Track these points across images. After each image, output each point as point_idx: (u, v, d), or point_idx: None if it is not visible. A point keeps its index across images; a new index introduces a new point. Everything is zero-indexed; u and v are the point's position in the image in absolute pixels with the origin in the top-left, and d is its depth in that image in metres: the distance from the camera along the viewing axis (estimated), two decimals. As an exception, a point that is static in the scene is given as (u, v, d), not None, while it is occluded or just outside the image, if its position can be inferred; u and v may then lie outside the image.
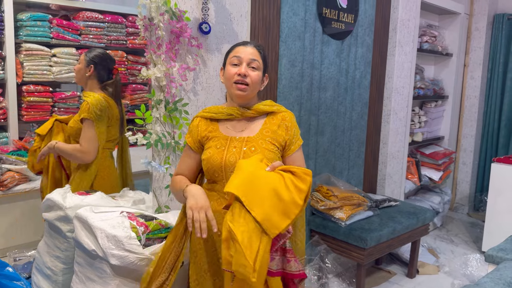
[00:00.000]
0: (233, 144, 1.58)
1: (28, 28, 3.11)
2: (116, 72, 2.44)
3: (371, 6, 3.24)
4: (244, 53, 1.57)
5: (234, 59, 1.58)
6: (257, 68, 1.58)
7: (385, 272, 3.32)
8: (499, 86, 4.65)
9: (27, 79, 3.13)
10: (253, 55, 1.58)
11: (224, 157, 1.55)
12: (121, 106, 2.48)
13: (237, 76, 1.55)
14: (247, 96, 1.59)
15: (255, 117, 1.64)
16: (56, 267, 2.04)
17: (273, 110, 1.65)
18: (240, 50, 1.59)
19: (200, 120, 1.67)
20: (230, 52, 1.62)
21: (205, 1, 2.20)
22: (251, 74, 1.56)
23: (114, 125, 2.39)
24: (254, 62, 1.57)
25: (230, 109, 1.62)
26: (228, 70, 1.59)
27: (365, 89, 3.35)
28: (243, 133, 1.61)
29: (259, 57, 1.60)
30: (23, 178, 2.89)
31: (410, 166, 4.06)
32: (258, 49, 1.61)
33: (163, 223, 1.85)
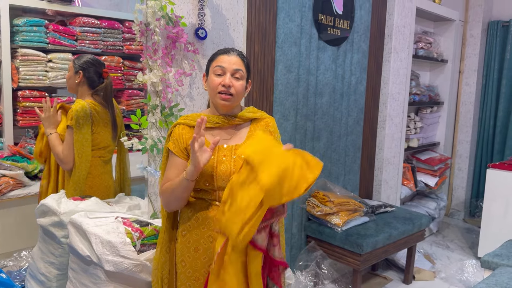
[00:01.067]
0: (222, 153, 1.56)
1: (24, 33, 3.11)
2: (106, 76, 2.41)
3: (367, 13, 3.26)
4: (228, 63, 1.54)
5: (218, 69, 1.54)
6: (241, 77, 1.56)
7: (381, 278, 3.31)
8: (494, 93, 4.68)
9: (23, 84, 3.12)
10: (237, 65, 1.55)
11: (214, 166, 1.53)
12: (113, 111, 2.43)
13: (221, 86, 1.53)
14: (231, 106, 1.57)
15: (240, 124, 1.63)
16: (50, 273, 2.02)
17: (257, 116, 1.65)
18: (223, 59, 1.56)
19: (183, 128, 1.60)
20: (213, 61, 1.58)
21: (202, 7, 2.21)
22: (235, 84, 1.54)
23: (102, 132, 2.36)
24: (238, 72, 1.55)
25: (217, 117, 1.60)
26: (211, 80, 1.56)
27: (361, 95, 3.36)
28: (230, 141, 1.59)
29: (243, 65, 1.57)
30: (17, 184, 2.87)
31: (406, 172, 4.07)
32: (241, 58, 1.58)
33: (158, 229, 1.84)
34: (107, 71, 2.43)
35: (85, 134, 2.26)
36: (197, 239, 1.56)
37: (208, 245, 1.55)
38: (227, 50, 1.60)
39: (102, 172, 2.40)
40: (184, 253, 1.58)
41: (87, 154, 2.29)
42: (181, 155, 1.58)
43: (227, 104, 1.55)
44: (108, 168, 2.46)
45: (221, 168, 1.53)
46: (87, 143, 2.27)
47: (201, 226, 1.56)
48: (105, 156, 2.42)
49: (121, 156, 2.56)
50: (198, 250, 1.56)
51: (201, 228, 1.55)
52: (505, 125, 4.65)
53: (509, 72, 4.57)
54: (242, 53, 1.62)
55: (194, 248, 1.56)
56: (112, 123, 2.41)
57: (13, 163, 2.87)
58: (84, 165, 2.29)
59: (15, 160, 2.91)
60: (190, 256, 1.57)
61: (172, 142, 1.59)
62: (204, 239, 1.55)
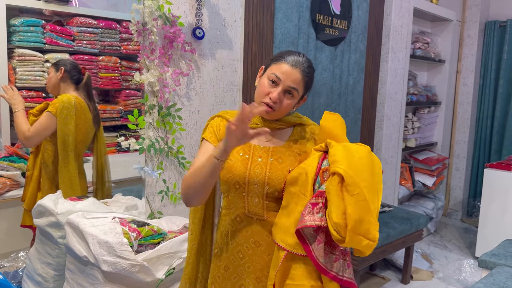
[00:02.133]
0: (257, 154, 1.40)
1: (21, 33, 3.10)
2: (84, 72, 2.51)
3: (364, 13, 3.27)
4: (286, 77, 1.35)
5: (273, 77, 1.36)
6: (293, 97, 1.38)
7: (379, 278, 3.31)
8: (491, 93, 4.69)
9: (20, 85, 3.11)
10: (295, 83, 1.36)
11: (248, 166, 1.38)
12: (96, 107, 2.51)
13: (268, 98, 1.36)
14: (271, 116, 1.41)
15: (282, 128, 1.47)
16: (47, 274, 2.01)
17: (302, 122, 1.49)
18: (284, 69, 1.36)
19: (221, 120, 1.47)
20: (275, 63, 1.39)
21: (199, 7, 2.21)
22: (284, 102, 1.37)
23: (81, 126, 2.40)
24: (292, 90, 1.37)
25: (258, 118, 1.44)
26: (262, 84, 1.39)
27: (359, 95, 3.36)
28: (268, 143, 1.43)
29: (302, 84, 1.39)
30: (15, 185, 2.86)
31: (404, 172, 4.07)
32: (303, 75, 1.39)
33: (156, 229, 1.84)
34: (84, 67, 2.55)
35: (68, 125, 2.31)
36: (227, 256, 1.43)
37: (238, 262, 1.41)
38: (294, 60, 1.39)
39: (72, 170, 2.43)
40: (215, 273, 1.47)
41: (71, 144, 2.33)
42: (215, 143, 1.42)
43: (267, 116, 1.40)
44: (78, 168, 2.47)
45: (255, 170, 1.37)
46: (72, 134, 2.32)
47: (230, 241, 1.42)
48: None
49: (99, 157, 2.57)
50: (228, 269, 1.43)
51: (230, 244, 1.42)
52: (502, 125, 4.66)
53: (506, 72, 4.59)
54: (308, 70, 1.42)
55: (224, 266, 1.44)
56: (94, 119, 2.46)
57: (10, 164, 2.86)
58: (70, 155, 2.33)
59: (12, 160, 2.90)
60: (220, 276, 1.45)
61: (209, 132, 1.46)
62: (234, 256, 1.42)
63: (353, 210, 1.14)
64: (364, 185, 1.17)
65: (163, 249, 1.78)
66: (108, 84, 3.34)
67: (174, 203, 2.29)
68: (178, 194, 2.30)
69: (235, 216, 1.41)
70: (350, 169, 1.18)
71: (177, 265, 1.81)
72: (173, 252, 1.82)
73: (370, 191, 1.17)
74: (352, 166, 1.19)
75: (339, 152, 1.24)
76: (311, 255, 1.22)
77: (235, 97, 2.51)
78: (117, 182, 2.74)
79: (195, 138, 2.35)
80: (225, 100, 2.46)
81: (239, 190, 1.39)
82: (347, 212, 1.15)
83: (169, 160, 2.23)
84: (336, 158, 1.22)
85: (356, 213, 1.14)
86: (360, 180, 1.17)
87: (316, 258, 1.22)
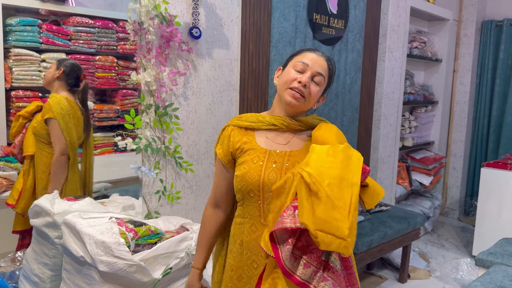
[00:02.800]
0: (272, 159, 1.34)
1: (17, 33, 3.08)
2: (84, 79, 2.54)
3: (361, 12, 3.27)
4: (313, 62, 1.35)
5: (300, 64, 1.35)
6: (320, 84, 1.37)
7: (377, 277, 3.32)
8: (488, 92, 4.71)
9: (16, 85, 3.09)
10: (322, 69, 1.36)
11: (262, 174, 1.32)
12: (87, 112, 2.54)
13: (297, 82, 1.33)
14: (298, 108, 1.37)
15: (301, 130, 1.42)
16: (44, 274, 2.01)
17: None
18: (310, 56, 1.37)
19: (233, 129, 1.42)
20: (297, 55, 1.40)
21: (196, 6, 2.20)
22: (312, 88, 1.35)
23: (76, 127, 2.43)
24: (319, 76, 1.35)
25: (274, 119, 1.39)
26: (288, 72, 1.36)
27: (356, 94, 3.36)
28: (285, 147, 1.37)
29: (327, 73, 1.39)
30: (11, 185, 2.84)
31: (401, 171, 4.08)
32: (328, 64, 1.39)
33: (153, 229, 1.84)
34: (85, 75, 2.59)
35: (68, 123, 2.34)
36: (241, 266, 1.39)
37: (252, 272, 1.37)
38: (317, 49, 1.42)
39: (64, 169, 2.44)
40: (227, 283, 1.43)
41: (75, 143, 2.36)
42: (225, 160, 1.42)
43: (294, 103, 1.34)
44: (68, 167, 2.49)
45: (270, 177, 1.32)
46: (72, 130, 2.35)
47: (244, 250, 1.38)
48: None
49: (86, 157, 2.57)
50: (241, 279, 1.39)
51: (244, 254, 1.38)
52: (499, 124, 4.67)
53: (503, 71, 4.60)
54: (331, 60, 1.43)
55: (237, 276, 1.39)
56: (85, 122, 2.49)
57: (6, 164, 2.85)
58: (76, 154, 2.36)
59: (8, 160, 2.89)
60: (233, 286, 1.40)
61: (219, 145, 1.44)
62: (248, 266, 1.37)
63: (317, 208, 1.12)
64: (328, 182, 1.14)
65: (160, 249, 1.78)
66: (105, 83, 3.32)
67: (171, 203, 2.29)
68: (175, 194, 2.29)
69: (250, 225, 1.37)
70: (314, 169, 1.16)
71: (174, 265, 1.81)
72: (170, 252, 1.81)
73: (338, 187, 1.14)
74: (317, 166, 1.17)
75: (313, 154, 1.22)
76: (278, 255, 1.20)
77: (232, 96, 2.51)
78: (114, 182, 2.73)
79: (192, 137, 2.35)
80: (222, 99, 2.46)
81: (254, 198, 1.35)
82: (313, 211, 1.13)
83: (166, 160, 2.23)
84: (308, 160, 1.21)
85: (320, 211, 1.12)
86: (324, 178, 1.14)
87: (282, 259, 1.19)
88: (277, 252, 1.20)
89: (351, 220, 1.11)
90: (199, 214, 2.44)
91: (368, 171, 1.22)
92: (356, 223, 1.13)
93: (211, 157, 2.45)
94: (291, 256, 1.19)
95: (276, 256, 1.20)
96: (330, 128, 1.35)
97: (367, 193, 1.25)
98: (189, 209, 2.39)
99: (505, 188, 3.50)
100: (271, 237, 1.21)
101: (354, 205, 1.12)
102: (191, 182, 2.37)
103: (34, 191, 2.46)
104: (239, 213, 1.41)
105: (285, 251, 1.19)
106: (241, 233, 1.39)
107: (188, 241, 1.88)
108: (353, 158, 1.20)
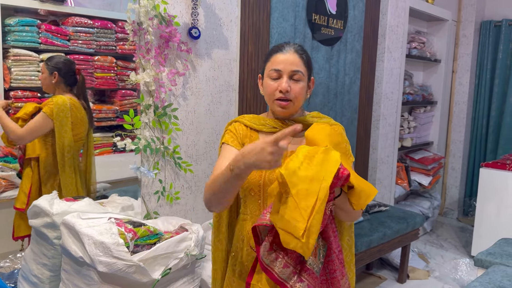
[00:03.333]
0: None
1: (16, 33, 3.08)
2: (79, 73, 2.52)
3: (360, 12, 3.27)
4: (284, 64, 1.33)
5: (273, 72, 1.34)
6: (300, 79, 1.35)
7: (376, 277, 3.32)
8: (487, 92, 4.71)
9: (15, 85, 3.09)
10: (295, 65, 1.34)
11: (263, 173, 1.34)
12: (90, 107, 2.53)
13: (278, 92, 1.33)
14: (290, 112, 1.39)
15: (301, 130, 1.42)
16: (43, 274, 2.00)
17: (322, 122, 1.43)
18: (278, 59, 1.35)
19: (239, 125, 1.45)
20: (268, 62, 1.38)
21: (195, 6, 2.20)
22: (294, 88, 1.34)
23: (78, 127, 2.42)
24: (296, 73, 1.34)
25: (274, 122, 1.41)
26: (267, 84, 1.37)
27: (355, 94, 3.36)
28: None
29: (302, 64, 1.36)
30: (10, 185, 2.84)
31: (400, 171, 4.08)
32: (299, 55, 1.36)
33: (152, 229, 1.83)
34: (79, 69, 2.55)
35: (65, 126, 2.33)
36: (242, 262, 1.41)
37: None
38: (282, 46, 1.37)
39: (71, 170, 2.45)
40: (230, 277, 1.45)
41: (67, 146, 2.34)
42: (238, 146, 1.40)
43: (285, 111, 1.37)
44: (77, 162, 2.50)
45: (270, 177, 1.34)
46: (68, 136, 2.33)
47: (245, 247, 1.39)
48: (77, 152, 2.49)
49: (87, 155, 2.58)
50: (242, 275, 1.40)
51: (245, 250, 1.39)
52: (497, 125, 4.68)
53: (502, 71, 4.60)
54: (300, 48, 1.39)
55: (238, 271, 1.42)
56: (89, 119, 2.49)
57: (5, 164, 2.85)
58: (67, 157, 2.34)
59: (7, 161, 2.88)
60: (235, 280, 1.43)
61: (229, 136, 1.42)
62: (248, 262, 1.38)
63: (282, 208, 1.14)
64: (296, 184, 1.13)
65: (159, 249, 1.78)
66: (103, 84, 3.32)
67: (170, 203, 2.29)
68: (175, 194, 2.29)
69: (252, 223, 1.37)
70: (287, 170, 1.15)
71: (173, 265, 1.81)
72: (169, 252, 1.81)
73: (305, 190, 1.13)
74: (292, 167, 1.16)
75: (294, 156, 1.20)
76: (258, 253, 1.22)
77: (231, 97, 2.51)
78: (113, 183, 2.73)
79: (191, 138, 2.34)
80: (221, 100, 2.46)
81: (254, 197, 1.37)
82: (279, 210, 1.14)
83: (165, 160, 2.23)
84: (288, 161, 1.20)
85: (284, 210, 1.12)
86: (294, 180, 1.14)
87: (260, 255, 1.21)
88: (258, 248, 1.23)
89: (311, 223, 1.10)
90: (198, 214, 2.44)
91: (346, 176, 1.18)
92: (318, 226, 1.11)
93: (210, 157, 2.45)
94: (269, 252, 1.21)
95: (257, 251, 1.23)
96: (322, 128, 1.32)
97: (353, 195, 1.22)
98: (188, 210, 2.39)
99: (504, 188, 3.51)
100: (255, 233, 1.24)
101: (318, 208, 1.11)
102: (190, 182, 2.37)
103: (40, 193, 2.45)
104: (243, 210, 1.44)
105: (263, 247, 1.21)
106: (243, 230, 1.41)
107: (187, 242, 1.88)
108: (330, 161, 1.17)
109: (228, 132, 1.44)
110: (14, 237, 2.48)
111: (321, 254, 1.25)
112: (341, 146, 1.27)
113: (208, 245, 2.16)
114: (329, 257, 1.27)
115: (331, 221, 1.29)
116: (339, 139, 1.29)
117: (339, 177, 1.17)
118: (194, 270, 1.97)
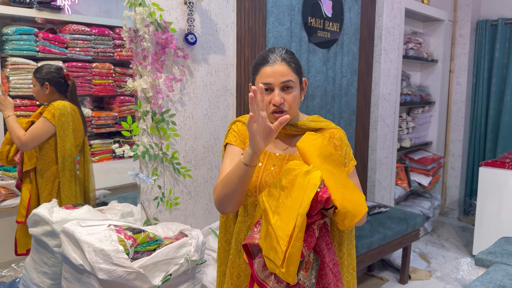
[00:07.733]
0: (271, 162, 1.37)
1: (13, 42, 3.09)
2: (69, 78, 2.52)
3: (356, 15, 3.28)
4: (274, 77, 1.32)
5: (264, 86, 1.31)
6: (292, 86, 1.34)
7: (377, 278, 3.32)
8: (485, 91, 4.72)
9: (13, 93, 3.10)
10: (284, 76, 1.32)
11: (260, 175, 1.35)
12: (82, 112, 2.54)
13: (272, 106, 1.32)
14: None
15: (299, 134, 1.41)
16: (44, 283, 2.01)
17: (321, 126, 1.42)
18: (268, 73, 1.32)
19: (242, 125, 1.46)
20: (257, 74, 1.36)
21: (191, 12, 2.21)
22: (288, 99, 1.33)
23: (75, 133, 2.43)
24: (287, 83, 1.33)
25: None
26: None
27: (352, 96, 3.37)
28: (285, 151, 1.41)
29: (291, 72, 1.34)
30: (10, 194, 2.84)
31: (399, 172, 4.08)
32: (287, 63, 1.34)
33: (152, 236, 1.84)
34: (68, 74, 2.55)
35: (66, 130, 2.34)
36: (239, 264, 1.43)
37: (249, 271, 1.40)
38: (268, 57, 1.35)
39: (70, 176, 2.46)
40: (228, 280, 1.47)
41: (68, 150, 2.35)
42: (241, 146, 1.42)
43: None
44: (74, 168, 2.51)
45: (266, 179, 1.34)
46: (68, 138, 2.34)
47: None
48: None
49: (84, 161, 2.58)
50: (240, 277, 1.43)
51: (243, 252, 1.37)
52: (496, 123, 4.68)
53: (499, 70, 4.62)
54: (287, 54, 1.37)
55: (236, 274, 1.44)
56: (83, 121, 2.49)
57: (4, 173, 2.85)
58: (67, 161, 2.34)
59: (7, 170, 2.89)
60: (233, 283, 1.44)
61: (232, 136, 1.44)
62: (246, 265, 1.41)
63: (264, 235, 1.18)
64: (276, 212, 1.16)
65: (159, 255, 1.78)
66: (102, 90, 3.33)
67: (169, 209, 2.29)
68: (174, 200, 2.30)
69: (249, 224, 1.40)
70: (268, 197, 1.19)
71: (173, 271, 1.81)
72: (170, 258, 1.81)
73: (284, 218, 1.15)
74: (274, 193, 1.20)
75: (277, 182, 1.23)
76: (252, 268, 1.25)
77: (229, 101, 2.52)
78: (112, 189, 2.73)
79: (190, 143, 2.35)
80: (219, 104, 2.46)
81: (251, 198, 1.38)
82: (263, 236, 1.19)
83: (164, 166, 2.23)
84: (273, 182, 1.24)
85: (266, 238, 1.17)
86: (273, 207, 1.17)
87: (255, 270, 1.24)
88: (251, 263, 1.25)
89: (291, 251, 1.12)
90: (198, 219, 2.44)
91: (325, 199, 1.16)
92: (298, 254, 1.13)
93: (209, 162, 2.46)
94: (264, 268, 1.23)
95: (250, 266, 1.25)
96: (313, 140, 1.28)
97: (338, 216, 1.20)
98: (188, 215, 2.39)
99: (504, 186, 3.51)
100: (246, 249, 1.26)
101: (296, 236, 1.12)
102: (189, 187, 2.37)
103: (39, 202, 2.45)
104: (241, 212, 1.45)
105: (257, 263, 1.24)
106: (241, 231, 1.43)
107: (187, 247, 1.88)
108: (309, 185, 1.16)
109: (231, 132, 1.47)
110: (16, 254, 2.48)
111: (313, 269, 1.25)
112: (334, 158, 1.25)
113: (209, 250, 2.16)
114: (323, 271, 1.28)
115: (324, 233, 1.29)
116: (331, 150, 1.27)
117: (318, 201, 1.17)
118: (195, 275, 1.97)
